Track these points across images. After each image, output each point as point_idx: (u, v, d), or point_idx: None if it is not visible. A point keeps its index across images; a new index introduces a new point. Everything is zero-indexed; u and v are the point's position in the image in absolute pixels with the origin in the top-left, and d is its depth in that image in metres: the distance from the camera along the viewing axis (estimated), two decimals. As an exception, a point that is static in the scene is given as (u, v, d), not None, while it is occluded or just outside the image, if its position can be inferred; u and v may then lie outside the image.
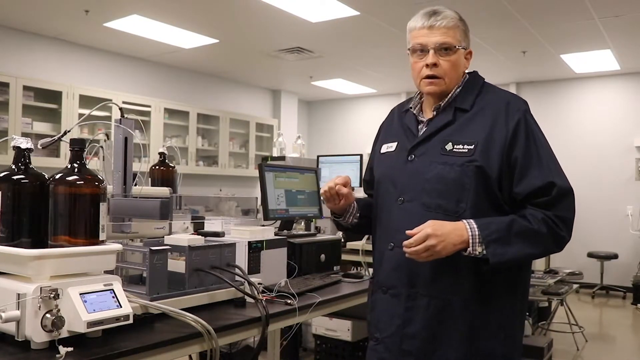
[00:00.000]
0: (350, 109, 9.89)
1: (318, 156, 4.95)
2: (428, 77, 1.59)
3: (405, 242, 1.45)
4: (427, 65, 1.58)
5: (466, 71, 1.70)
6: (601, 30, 5.76)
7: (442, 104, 1.62)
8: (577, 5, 5.02)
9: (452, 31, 1.59)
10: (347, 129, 9.83)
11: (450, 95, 1.62)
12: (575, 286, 5.06)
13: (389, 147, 1.71)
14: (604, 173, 7.65)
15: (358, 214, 1.78)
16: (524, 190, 1.49)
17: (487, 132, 1.52)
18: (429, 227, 1.43)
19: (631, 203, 7.46)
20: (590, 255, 7.30)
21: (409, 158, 1.60)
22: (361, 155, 4.89)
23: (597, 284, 7.27)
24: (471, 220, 1.46)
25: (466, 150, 1.51)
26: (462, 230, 1.45)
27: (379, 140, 1.82)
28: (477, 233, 1.44)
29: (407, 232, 1.45)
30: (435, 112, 1.63)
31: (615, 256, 7.17)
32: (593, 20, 5.42)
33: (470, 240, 1.44)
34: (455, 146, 1.53)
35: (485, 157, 1.49)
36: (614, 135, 7.62)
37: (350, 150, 8.58)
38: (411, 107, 1.71)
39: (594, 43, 6.23)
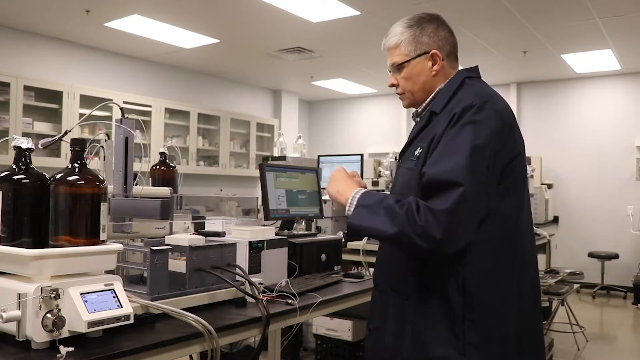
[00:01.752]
0: (351, 109, 9.89)
1: (319, 156, 4.96)
2: (398, 94, 1.70)
3: None
4: (390, 87, 1.71)
5: (464, 67, 1.66)
6: (602, 30, 5.76)
7: (420, 110, 1.67)
8: (578, 5, 5.02)
9: (396, 49, 1.64)
10: (347, 129, 9.83)
11: (429, 99, 1.64)
12: (576, 286, 5.06)
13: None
14: (605, 173, 7.65)
15: None
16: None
17: (433, 133, 1.51)
18: (336, 171, 1.65)
19: (632, 203, 7.46)
20: (591, 255, 7.30)
21: (398, 164, 1.70)
22: (362, 155, 4.89)
23: (598, 284, 7.27)
24: (367, 190, 1.56)
25: (418, 154, 1.54)
26: (351, 191, 1.55)
27: None
28: (357, 197, 1.52)
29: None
30: (418, 118, 1.69)
31: (616, 256, 7.17)
32: (594, 20, 5.41)
33: (349, 201, 1.53)
34: (420, 151, 1.55)
35: (424, 160, 1.50)
36: (614, 135, 7.62)
37: (351, 150, 8.59)
38: (413, 114, 1.75)
39: (595, 43, 6.22)
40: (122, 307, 1.37)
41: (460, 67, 1.68)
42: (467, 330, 1.42)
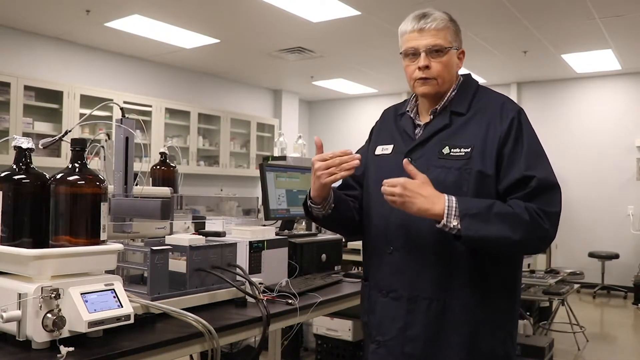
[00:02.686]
0: (351, 108, 9.89)
1: (319, 156, 4.94)
2: (421, 78, 1.60)
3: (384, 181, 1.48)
4: (419, 68, 1.58)
5: (460, 73, 1.69)
6: (602, 30, 5.76)
7: (439, 108, 1.63)
8: (578, 5, 5.02)
9: (442, 32, 1.58)
10: (348, 129, 9.83)
11: (446, 98, 1.63)
12: (576, 286, 5.06)
13: (384, 149, 1.70)
14: (605, 173, 7.65)
15: (333, 205, 1.65)
16: (505, 184, 1.50)
17: (483, 134, 1.53)
18: (405, 180, 1.45)
19: (632, 203, 7.46)
20: (591, 255, 7.30)
21: (409, 160, 1.58)
22: (362, 155, 4.88)
23: (598, 283, 7.27)
24: (453, 196, 1.45)
25: (463, 153, 1.52)
26: (439, 200, 1.43)
27: (371, 142, 1.80)
28: (454, 205, 1.42)
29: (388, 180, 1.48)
30: (432, 116, 1.63)
31: (616, 256, 7.17)
32: (594, 20, 5.41)
33: (446, 211, 1.42)
34: (452, 150, 1.54)
35: (482, 159, 1.50)
36: (614, 135, 7.62)
37: (351, 150, 8.58)
38: (408, 111, 1.71)
39: (595, 43, 6.22)
40: (122, 307, 1.37)
41: (464, 73, 1.73)
42: (508, 321, 1.57)
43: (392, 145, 1.68)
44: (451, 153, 1.53)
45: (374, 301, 1.63)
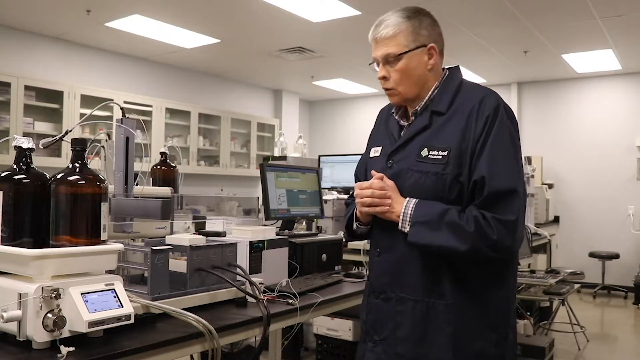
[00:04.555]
0: (352, 108, 9.89)
1: (319, 156, 4.94)
2: (385, 89, 1.61)
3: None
4: (379, 80, 1.61)
5: (449, 66, 1.66)
6: (603, 30, 5.75)
7: (419, 108, 1.60)
8: (579, 5, 5.02)
9: (393, 40, 1.56)
10: (348, 129, 9.83)
11: (427, 97, 1.59)
12: (576, 286, 5.05)
13: (375, 152, 1.70)
14: (606, 173, 7.64)
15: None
16: (470, 187, 1.48)
17: (460, 135, 1.49)
18: (393, 185, 1.54)
19: (632, 203, 7.45)
20: (591, 255, 7.30)
21: (388, 164, 1.61)
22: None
23: (599, 283, 7.26)
24: (414, 200, 1.50)
25: (440, 157, 1.49)
26: (398, 205, 1.51)
27: (369, 144, 1.81)
28: (409, 212, 1.48)
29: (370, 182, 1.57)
30: (413, 117, 1.62)
31: (617, 256, 7.17)
32: (594, 19, 5.41)
33: (401, 217, 1.50)
34: (430, 152, 1.51)
35: (458, 165, 1.48)
36: (615, 135, 7.61)
37: (352, 150, 8.56)
38: (393, 112, 1.70)
39: (596, 43, 6.22)
40: (122, 307, 1.37)
41: (452, 66, 1.67)
42: (501, 322, 1.52)
43: (380, 148, 1.69)
44: (429, 156, 1.51)
45: (370, 301, 1.66)
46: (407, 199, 1.51)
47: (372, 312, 1.64)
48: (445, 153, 1.48)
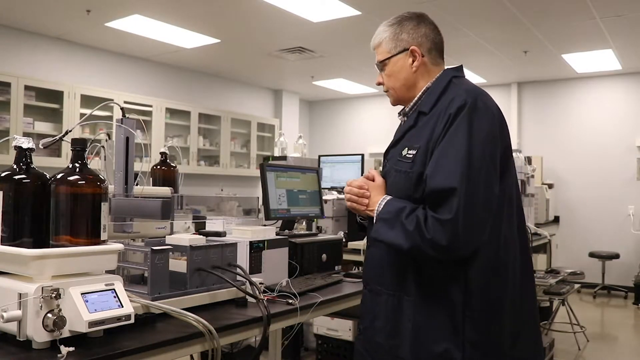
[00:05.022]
0: (352, 108, 9.89)
1: (319, 156, 4.95)
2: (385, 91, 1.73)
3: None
4: (377, 84, 1.75)
5: (452, 66, 1.68)
6: (603, 30, 5.75)
7: (408, 109, 1.68)
8: (579, 5, 5.02)
9: (380, 48, 1.69)
10: (348, 129, 9.83)
11: (417, 98, 1.65)
12: (576, 286, 5.06)
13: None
14: (606, 173, 7.64)
15: None
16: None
17: (429, 134, 1.51)
18: (376, 184, 1.63)
19: (633, 203, 7.45)
20: (591, 255, 7.29)
21: (384, 163, 1.71)
22: (362, 155, 4.89)
23: (599, 283, 7.26)
24: (388, 198, 1.58)
25: (410, 156, 1.54)
26: (375, 203, 1.58)
27: None
28: (381, 209, 1.56)
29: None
30: (405, 117, 1.70)
31: (617, 256, 7.17)
32: (594, 20, 5.41)
33: (375, 214, 1.57)
34: (408, 152, 1.56)
35: (422, 163, 1.50)
36: (615, 135, 7.61)
37: (352, 150, 8.59)
38: (400, 113, 1.76)
39: (596, 43, 6.22)
40: (122, 307, 1.37)
41: (453, 66, 1.69)
42: (467, 327, 1.45)
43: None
44: (406, 155, 1.56)
45: (362, 292, 1.74)
46: (384, 196, 1.58)
47: (362, 302, 1.72)
48: (415, 152, 1.53)
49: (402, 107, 1.74)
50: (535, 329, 1.62)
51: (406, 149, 1.57)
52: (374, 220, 1.57)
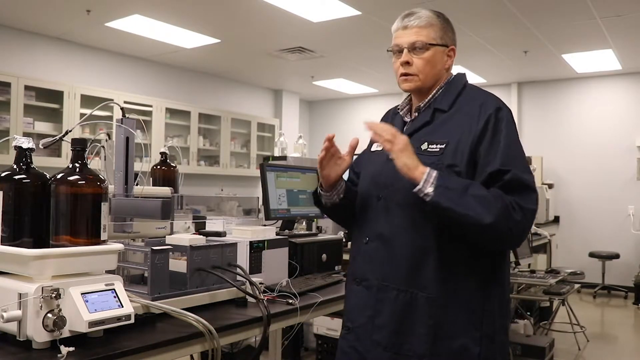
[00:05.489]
0: (352, 108, 9.89)
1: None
2: (402, 74, 1.64)
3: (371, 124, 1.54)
4: (401, 64, 1.63)
5: (453, 72, 1.72)
6: (603, 30, 5.75)
7: (422, 105, 1.66)
8: (579, 5, 5.02)
9: (425, 30, 1.61)
10: (348, 129, 9.80)
11: (431, 96, 1.65)
12: (576, 286, 5.05)
13: (378, 146, 1.73)
14: (606, 173, 7.64)
15: (342, 195, 1.72)
16: (480, 179, 1.49)
17: (460, 132, 1.53)
18: (402, 138, 1.50)
19: (633, 203, 7.45)
20: (591, 255, 7.29)
21: (389, 157, 1.61)
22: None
23: (599, 283, 7.26)
24: (437, 171, 1.47)
25: (438, 149, 1.54)
26: (420, 165, 1.47)
27: (371, 140, 1.82)
28: (434, 175, 1.45)
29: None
30: (416, 113, 1.68)
31: (617, 256, 7.17)
32: (595, 19, 5.41)
33: (424, 177, 1.45)
34: (429, 146, 1.56)
35: (454, 156, 1.51)
36: (615, 135, 7.61)
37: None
38: (399, 109, 1.75)
39: (596, 43, 6.22)
40: (122, 307, 1.37)
41: (458, 69, 1.74)
42: (485, 321, 1.51)
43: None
44: (428, 149, 1.55)
45: (349, 289, 1.69)
46: (427, 168, 1.47)
47: (349, 299, 1.67)
48: (443, 146, 1.53)
49: (404, 104, 1.74)
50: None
51: (425, 143, 1.56)
52: (427, 186, 1.44)
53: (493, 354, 1.51)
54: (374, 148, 1.77)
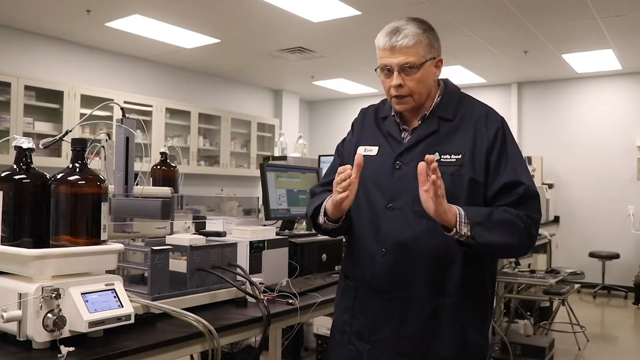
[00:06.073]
0: (352, 108, 9.88)
1: (319, 156, 4.95)
2: (396, 96, 1.61)
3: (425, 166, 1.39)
4: (394, 87, 1.59)
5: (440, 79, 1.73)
6: (603, 30, 5.75)
7: (427, 113, 1.65)
8: (579, 5, 5.02)
9: (413, 49, 1.56)
10: (348, 129, 9.79)
11: (432, 104, 1.66)
12: (576, 286, 5.05)
13: (367, 150, 1.69)
14: (606, 173, 7.64)
15: (343, 217, 1.64)
16: (493, 191, 1.56)
17: (472, 142, 1.58)
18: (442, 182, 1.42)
19: (633, 203, 7.45)
20: (591, 255, 7.29)
21: (396, 165, 1.61)
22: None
23: (599, 283, 7.26)
24: (461, 207, 1.47)
25: (454, 160, 1.56)
26: (451, 207, 1.45)
27: (353, 139, 1.82)
28: (463, 213, 1.45)
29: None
30: (420, 121, 1.66)
31: (617, 256, 7.17)
32: (595, 19, 5.41)
33: (458, 219, 1.44)
34: (442, 156, 1.57)
35: (472, 167, 1.55)
36: (615, 135, 7.61)
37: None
38: (393, 115, 1.71)
39: (596, 43, 6.22)
40: (122, 307, 1.37)
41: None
42: (488, 315, 1.66)
43: (377, 147, 1.69)
44: (442, 159, 1.56)
45: (364, 301, 1.63)
46: (449, 204, 1.45)
47: (367, 313, 1.62)
48: (460, 156, 1.56)
49: (392, 111, 1.71)
50: None
51: (437, 153, 1.56)
52: (462, 227, 1.44)
53: (487, 342, 1.66)
54: (365, 152, 1.69)
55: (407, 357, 1.56)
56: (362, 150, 1.70)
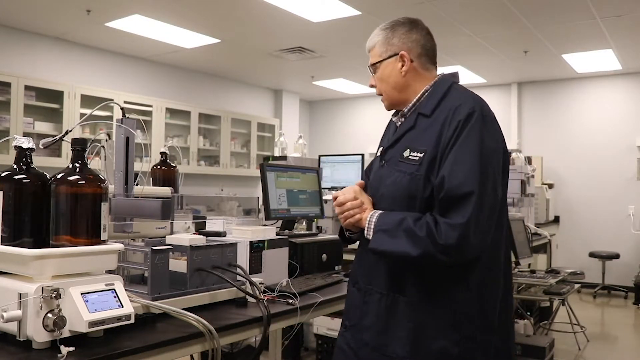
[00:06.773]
0: (352, 108, 9.89)
1: (320, 156, 4.95)
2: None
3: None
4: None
5: (449, 72, 1.72)
6: (603, 30, 5.75)
7: (407, 110, 1.68)
8: (579, 5, 5.02)
9: (372, 51, 1.70)
10: (348, 129, 9.82)
11: (416, 99, 1.66)
12: (576, 286, 5.05)
13: (377, 152, 1.77)
14: (606, 173, 7.64)
15: None
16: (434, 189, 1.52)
17: (436, 138, 1.52)
18: (342, 193, 1.64)
19: (633, 203, 7.45)
20: (591, 255, 7.30)
21: (381, 163, 1.68)
22: (362, 155, 4.89)
23: (599, 283, 7.26)
24: (378, 212, 1.57)
25: (417, 158, 1.54)
26: (366, 214, 1.60)
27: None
28: (374, 220, 1.56)
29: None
30: (403, 118, 1.69)
31: (617, 256, 7.17)
32: (595, 20, 5.41)
33: (366, 225, 1.57)
34: (411, 153, 1.56)
35: (430, 166, 1.51)
36: (615, 135, 7.61)
37: (352, 150, 8.59)
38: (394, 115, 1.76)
39: (596, 43, 6.22)
40: (123, 306, 1.37)
41: (450, 72, 1.72)
42: (464, 324, 1.50)
43: (381, 147, 1.76)
44: (410, 157, 1.56)
45: (348, 289, 1.75)
46: (372, 211, 1.59)
47: (347, 299, 1.73)
48: (422, 155, 1.53)
49: (396, 109, 1.75)
50: (511, 321, 1.71)
51: (408, 150, 1.56)
52: (370, 233, 1.55)
53: (472, 353, 1.50)
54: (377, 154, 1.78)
55: (369, 347, 1.58)
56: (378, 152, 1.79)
